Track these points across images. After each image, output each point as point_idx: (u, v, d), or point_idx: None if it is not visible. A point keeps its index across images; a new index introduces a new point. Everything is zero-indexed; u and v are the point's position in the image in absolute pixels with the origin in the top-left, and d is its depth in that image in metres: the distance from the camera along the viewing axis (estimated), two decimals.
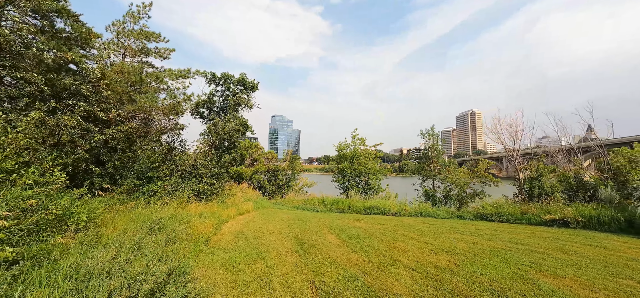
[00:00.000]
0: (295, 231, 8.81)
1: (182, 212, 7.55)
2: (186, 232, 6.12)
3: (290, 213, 13.07)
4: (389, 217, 14.08)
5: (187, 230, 6.20)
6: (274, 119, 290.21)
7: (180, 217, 6.95)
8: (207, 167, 11.10)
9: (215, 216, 8.53)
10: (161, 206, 7.48)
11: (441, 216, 13.92)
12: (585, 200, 13.07)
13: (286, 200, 18.73)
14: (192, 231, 6.31)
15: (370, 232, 9.41)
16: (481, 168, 21.43)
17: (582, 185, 14.08)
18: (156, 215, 6.07)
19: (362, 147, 20.98)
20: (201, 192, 10.33)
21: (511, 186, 20.51)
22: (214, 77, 14.32)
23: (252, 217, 10.68)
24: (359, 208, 15.75)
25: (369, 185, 20.80)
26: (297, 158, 25.00)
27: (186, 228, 6.30)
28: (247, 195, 15.26)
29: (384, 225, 10.72)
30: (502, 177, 20.96)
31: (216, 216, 8.60)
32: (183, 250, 5.17)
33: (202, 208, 9.16)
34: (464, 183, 19.73)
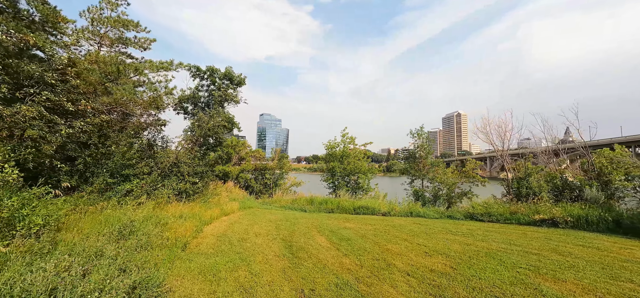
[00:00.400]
0: (282, 233, 8.33)
1: (160, 214, 6.92)
2: (162, 235, 5.53)
3: (278, 213, 12.56)
4: (379, 217, 13.81)
5: (162, 234, 5.61)
6: (262, 118, 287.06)
7: (157, 219, 6.34)
8: (189, 165, 10.43)
9: (196, 217, 7.94)
10: (135, 207, 6.82)
11: (431, 216, 13.75)
12: (571, 200, 13.21)
13: (274, 200, 18.18)
14: (169, 234, 5.72)
15: (361, 233, 9.06)
16: (469, 169, 21.64)
17: (567, 185, 14.27)
18: (127, 217, 5.43)
19: (352, 146, 20.68)
20: (182, 192, 9.66)
21: (495, 186, 20.71)
22: (199, 71, 13.60)
23: (237, 217, 10.11)
24: (349, 208, 15.40)
25: (358, 185, 20.53)
26: (285, 157, 24.46)
27: (162, 232, 5.70)
28: (232, 194, 14.62)
29: (374, 226, 10.40)
30: (486, 177, 21.15)
31: (198, 217, 8.00)
32: (156, 257, 4.60)
33: (183, 208, 8.54)
34: (453, 183, 19.78)
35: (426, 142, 22.54)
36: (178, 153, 10.56)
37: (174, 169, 9.99)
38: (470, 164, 21.86)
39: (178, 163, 10.41)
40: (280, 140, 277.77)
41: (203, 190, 11.09)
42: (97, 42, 11.93)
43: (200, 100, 13.87)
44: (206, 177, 11.46)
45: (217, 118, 11.85)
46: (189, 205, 9.21)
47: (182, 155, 10.81)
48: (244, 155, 25.75)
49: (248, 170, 24.13)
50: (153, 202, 8.23)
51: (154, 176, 9.24)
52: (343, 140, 20.14)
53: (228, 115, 13.35)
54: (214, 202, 10.67)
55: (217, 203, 10.54)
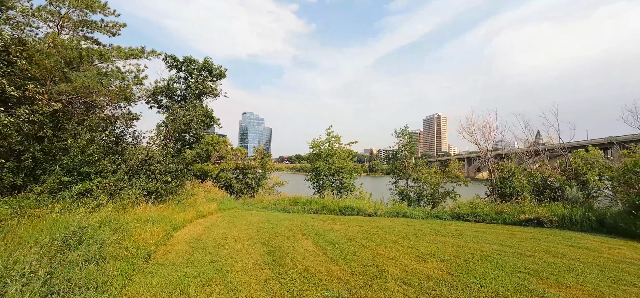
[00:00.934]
0: (264, 236, 7.64)
1: (123, 217, 6.01)
2: (120, 244, 4.69)
3: (259, 214, 11.81)
4: (366, 217, 13.41)
5: (121, 242, 4.76)
6: (244, 116, 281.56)
7: (117, 224, 5.46)
8: (161, 163, 9.45)
9: (167, 221, 7.06)
10: (90, 210, 5.85)
11: (418, 216, 13.50)
12: (551, 200, 13.42)
13: (255, 200, 17.33)
14: (128, 242, 4.88)
15: (348, 235, 8.54)
16: (452, 169, 21.82)
17: (547, 185, 14.53)
18: (78, 222, 4.52)
19: (337, 145, 20.19)
20: (153, 192, 8.69)
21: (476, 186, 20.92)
22: (175, 61, 12.51)
23: (214, 220, 9.28)
24: (334, 209, 14.88)
25: (342, 185, 20.07)
26: (268, 155, 23.59)
27: (120, 239, 4.85)
28: (211, 194, 13.66)
29: (362, 227, 9.94)
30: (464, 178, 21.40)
31: (168, 220, 7.12)
32: (106, 273, 3.79)
33: (152, 211, 7.62)
34: (436, 183, 19.79)
35: (410, 142, 22.51)
36: (149, 149, 9.55)
37: (144, 167, 8.99)
38: (454, 164, 22.09)
39: (149, 160, 9.41)
40: (263, 139, 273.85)
41: (177, 190, 10.13)
42: (56, 23, 10.63)
43: (176, 92, 12.79)
44: (181, 176, 10.50)
45: (194, 112, 10.89)
46: (160, 207, 8.28)
47: (154, 151, 9.81)
48: (225, 153, 24.62)
49: (229, 169, 23.05)
50: (118, 203, 7.26)
51: (120, 174, 8.22)
52: (328, 139, 19.61)
53: (206, 110, 12.38)
54: (189, 203, 9.75)
55: (192, 205, 9.63)
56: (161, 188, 8.87)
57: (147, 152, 9.47)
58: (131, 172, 8.89)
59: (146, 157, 9.50)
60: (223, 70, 13.19)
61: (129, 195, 7.77)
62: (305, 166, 23.31)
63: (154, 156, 9.59)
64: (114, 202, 7.14)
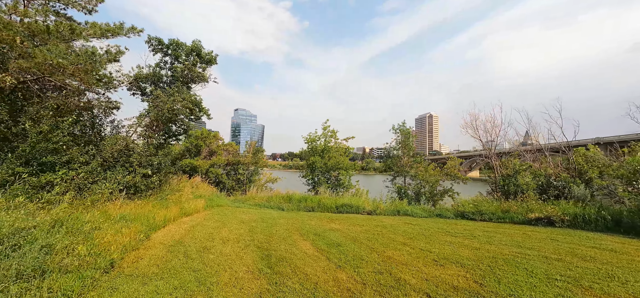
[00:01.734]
0: (258, 237, 6.75)
1: (86, 215, 5.00)
2: (72, 250, 3.71)
3: (252, 212, 10.89)
4: (365, 216, 12.64)
5: (75, 248, 3.78)
6: (237, 113, 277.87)
7: (79, 223, 4.47)
8: (141, 154, 8.41)
9: (143, 219, 6.07)
10: (40, 207, 4.81)
11: (420, 215, 12.81)
12: (556, 198, 12.94)
13: (247, 197, 16.37)
14: (85, 247, 3.89)
15: (350, 235, 7.73)
16: (451, 166, 21.34)
17: (551, 183, 14.05)
18: (11, 222, 3.51)
19: (333, 141, 19.35)
20: (131, 186, 7.66)
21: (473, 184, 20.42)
22: (161, 44, 11.34)
23: (201, 218, 8.32)
24: (331, 207, 14.07)
25: (339, 182, 19.28)
26: (261, 150, 22.60)
27: (74, 244, 3.86)
28: (199, 190, 12.65)
29: (363, 227, 9.16)
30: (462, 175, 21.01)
31: (145, 219, 6.13)
32: (52, 287, 2.86)
33: (128, 208, 6.62)
34: (435, 180, 19.25)
35: (408, 138, 21.89)
36: (128, 139, 8.49)
37: (122, 158, 7.94)
38: (452, 162, 21.61)
39: (128, 150, 8.36)
40: (256, 136, 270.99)
41: (160, 185, 9.11)
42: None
43: (162, 79, 11.68)
44: (164, 169, 9.47)
45: (180, 98, 9.83)
46: (139, 203, 7.27)
47: (134, 142, 8.74)
48: (216, 148, 23.50)
49: (219, 164, 21.98)
50: (87, 199, 6.24)
51: (92, 166, 7.18)
52: (324, 134, 18.76)
53: (194, 98, 11.32)
54: (173, 199, 8.75)
55: (177, 201, 8.64)
56: (140, 182, 7.83)
57: (126, 142, 8.42)
58: (107, 164, 7.84)
59: (125, 147, 8.45)
60: (214, 56, 12.10)
61: (102, 190, 6.75)
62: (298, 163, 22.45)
63: (133, 147, 8.55)
64: (82, 197, 6.12)
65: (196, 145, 22.87)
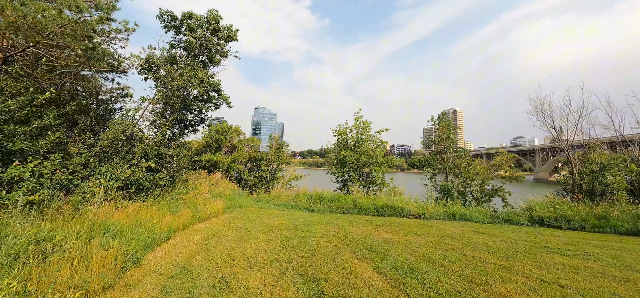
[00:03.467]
0: (296, 256, 4.87)
1: (44, 229, 3.31)
2: None
3: (279, 215, 9.11)
4: (413, 220, 10.53)
5: None
6: (257, 111, 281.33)
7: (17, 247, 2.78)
8: (148, 144, 6.83)
9: (138, 232, 4.37)
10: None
11: (481, 219, 10.50)
12: None
13: (272, 196, 14.66)
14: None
15: (418, 251, 5.70)
16: (499, 162, 18.61)
17: None
18: None
19: (364, 136, 17.16)
20: (133, 184, 6.07)
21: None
22: (173, 20, 9.77)
23: (220, 224, 6.60)
24: (368, 208, 12.05)
25: (371, 179, 17.13)
26: (284, 145, 20.90)
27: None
28: (219, 189, 11.08)
29: (425, 237, 7.08)
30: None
31: (142, 231, 4.43)
32: None
33: (123, 214, 4.98)
34: (485, 178, 16.63)
35: (451, 130, 19.27)
36: (133, 125, 6.94)
37: (123, 149, 6.38)
38: (502, 157, 18.82)
39: (133, 138, 6.81)
40: (276, 134, 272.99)
41: (173, 183, 7.53)
42: None
43: (177, 61, 10.12)
44: (179, 163, 7.88)
45: (193, 73, 8.15)
46: (139, 206, 5.66)
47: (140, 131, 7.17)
48: (237, 143, 22.12)
49: (241, 160, 20.54)
50: (69, 201, 4.66)
51: (84, 158, 5.64)
52: (356, 125, 16.64)
53: (212, 79, 9.62)
54: (187, 200, 7.14)
55: (190, 203, 7.01)
56: (144, 178, 6.22)
57: (131, 128, 6.85)
58: (106, 156, 6.30)
59: (129, 136, 6.90)
60: (234, 31, 10.34)
61: (93, 188, 5.15)
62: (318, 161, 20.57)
63: (140, 136, 6.97)
64: (60, 199, 4.52)
65: (217, 140, 21.60)
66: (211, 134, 22.13)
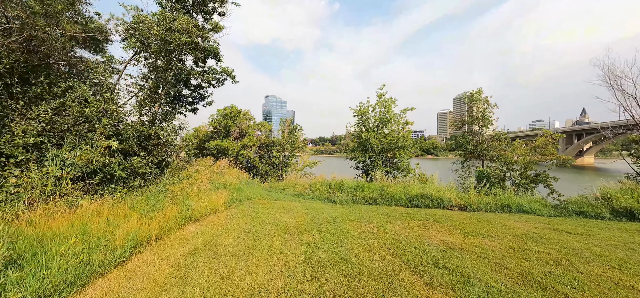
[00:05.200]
0: (330, 282, 3.13)
1: None
2: None
3: (296, 209, 7.42)
4: (457, 212, 8.69)
5: None
6: (267, 100, 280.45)
7: None
8: (121, 117, 5.12)
9: (76, 252, 2.72)
10: None
11: (543, 212, 8.54)
12: None
13: (285, 185, 13.01)
14: None
15: (509, 267, 3.92)
16: (544, 144, 16.22)
17: None
18: None
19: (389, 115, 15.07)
20: (96, 172, 4.40)
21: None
22: None
23: (218, 226, 4.93)
24: (399, 198, 10.22)
25: (395, 165, 15.16)
26: (298, 128, 19.13)
27: None
28: (223, 178, 9.48)
29: (498, 241, 5.27)
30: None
31: (84, 250, 2.79)
32: None
33: (72, 218, 3.35)
34: (528, 162, 14.39)
35: (485, 110, 16.91)
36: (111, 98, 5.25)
37: (82, 127, 4.71)
38: (546, 138, 16.40)
39: (106, 111, 5.15)
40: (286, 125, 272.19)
41: (162, 170, 5.90)
42: None
43: None
44: (165, 145, 6.20)
45: (178, 24, 6.29)
46: (105, 204, 4.02)
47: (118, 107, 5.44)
48: (246, 128, 20.52)
49: (251, 146, 18.98)
50: None
51: (28, 138, 4.03)
52: (379, 103, 14.59)
53: (202, 34, 7.67)
54: (177, 192, 5.51)
55: (181, 197, 5.36)
56: (115, 166, 4.54)
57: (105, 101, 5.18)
58: (57, 133, 4.64)
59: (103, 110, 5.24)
60: None
61: (32, 180, 3.55)
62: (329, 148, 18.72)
63: (111, 109, 5.27)
64: None
65: (225, 126, 20.05)
66: (219, 119, 20.61)
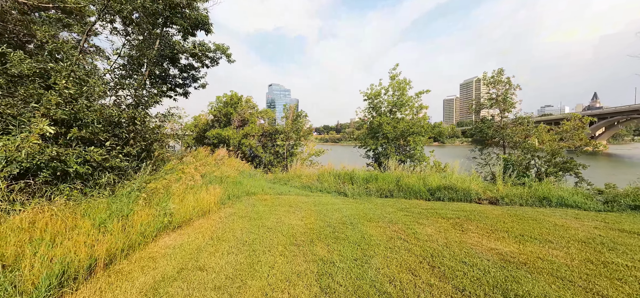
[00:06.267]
0: None
1: None
2: None
3: (303, 204, 6.36)
4: (489, 206, 7.61)
5: None
6: (271, 88, 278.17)
7: None
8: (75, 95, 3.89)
9: None
10: None
11: (588, 206, 7.42)
12: None
13: (291, 176, 11.98)
14: None
15: (589, 287, 2.74)
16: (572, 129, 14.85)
17: None
18: None
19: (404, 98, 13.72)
20: (41, 168, 3.22)
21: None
22: None
23: (205, 235, 3.86)
24: (418, 190, 9.12)
25: (409, 152, 13.94)
26: (303, 115, 17.93)
27: None
28: (221, 169, 8.41)
29: (563, 250, 4.18)
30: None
31: None
32: None
33: None
34: (556, 149, 13.08)
35: (507, 93, 15.45)
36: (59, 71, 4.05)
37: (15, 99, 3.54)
38: (573, 123, 14.99)
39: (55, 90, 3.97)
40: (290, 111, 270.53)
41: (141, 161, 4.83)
42: None
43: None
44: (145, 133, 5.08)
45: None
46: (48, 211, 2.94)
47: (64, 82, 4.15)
48: (248, 116, 19.40)
49: (253, 134, 17.89)
50: None
51: None
52: (392, 85, 13.25)
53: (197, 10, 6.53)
54: (155, 190, 4.44)
55: (161, 197, 4.29)
56: (70, 158, 3.37)
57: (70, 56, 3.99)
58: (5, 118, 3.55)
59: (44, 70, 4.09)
60: None
61: None
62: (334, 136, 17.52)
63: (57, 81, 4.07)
64: None
65: (226, 114, 18.95)
66: (219, 107, 19.51)
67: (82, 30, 5.09)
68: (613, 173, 27.40)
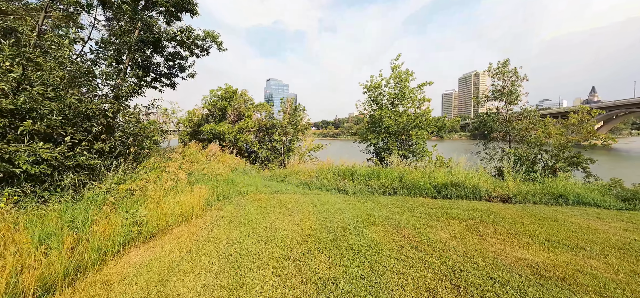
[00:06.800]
0: None
1: None
2: None
3: (300, 205, 5.79)
4: (502, 205, 7.09)
5: None
6: (268, 83, 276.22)
7: None
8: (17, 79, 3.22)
9: None
10: None
11: (608, 203, 6.99)
12: None
13: (288, 172, 11.39)
14: None
15: None
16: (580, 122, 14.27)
17: None
18: None
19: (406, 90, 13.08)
20: None
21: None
22: None
23: (182, 249, 3.26)
24: (423, 187, 8.55)
25: (411, 147, 13.36)
26: (301, 108, 17.26)
27: None
28: (211, 166, 7.80)
29: (601, 259, 3.64)
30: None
31: None
32: None
33: None
34: (565, 143, 12.53)
35: (514, 84, 14.82)
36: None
37: None
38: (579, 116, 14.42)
39: None
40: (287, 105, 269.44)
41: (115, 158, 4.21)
42: None
43: None
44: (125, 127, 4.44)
45: None
46: None
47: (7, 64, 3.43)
48: (244, 110, 18.71)
49: (249, 129, 17.24)
50: None
51: None
52: (394, 77, 12.60)
53: None
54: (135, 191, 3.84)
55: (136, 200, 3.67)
56: (18, 157, 2.78)
57: None
58: None
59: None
60: None
61: None
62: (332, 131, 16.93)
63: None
64: None
65: (220, 108, 18.25)
66: (213, 101, 18.80)
67: (40, 6, 4.44)
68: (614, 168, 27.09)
